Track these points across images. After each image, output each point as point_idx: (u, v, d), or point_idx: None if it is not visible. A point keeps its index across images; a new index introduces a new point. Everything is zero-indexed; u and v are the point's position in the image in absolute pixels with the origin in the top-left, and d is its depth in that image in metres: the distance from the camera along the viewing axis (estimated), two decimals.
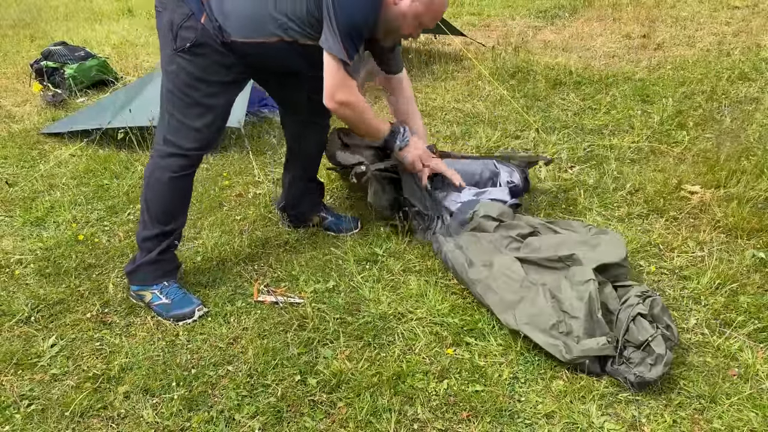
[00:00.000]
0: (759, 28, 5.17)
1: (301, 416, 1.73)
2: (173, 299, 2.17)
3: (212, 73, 2.06)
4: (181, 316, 2.14)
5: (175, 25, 2.00)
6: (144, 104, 3.52)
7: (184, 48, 2.00)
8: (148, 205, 2.16)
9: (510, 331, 1.98)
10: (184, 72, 2.03)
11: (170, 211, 2.19)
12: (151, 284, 2.19)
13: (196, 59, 2.01)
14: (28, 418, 1.76)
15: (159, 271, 2.20)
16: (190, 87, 2.04)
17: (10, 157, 3.57)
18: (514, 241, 2.27)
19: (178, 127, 2.08)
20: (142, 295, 2.20)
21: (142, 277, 2.20)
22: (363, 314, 2.12)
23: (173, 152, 2.11)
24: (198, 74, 2.03)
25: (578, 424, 1.66)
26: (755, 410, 1.68)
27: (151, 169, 2.14)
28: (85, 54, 4.78)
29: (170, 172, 2.12)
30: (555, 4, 6.60)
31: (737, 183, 2.76)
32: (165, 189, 2.14)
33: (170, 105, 2.08)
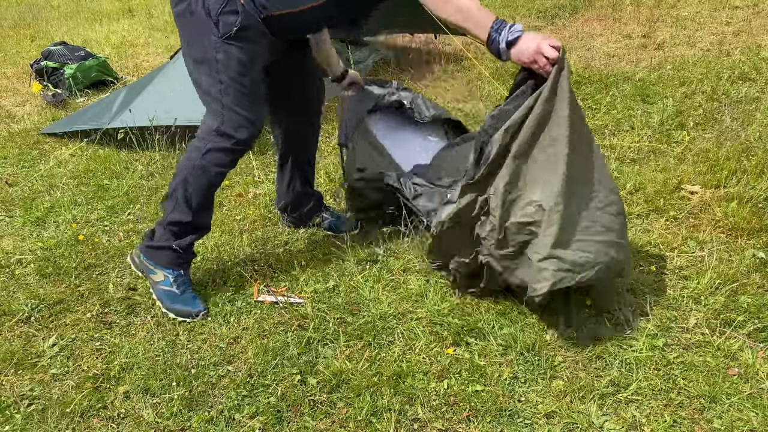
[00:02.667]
0: (759, 28, 5.17)
1: (301, 416, 1.73)
2: (183, 292, 2.13)
3: (258, 57, 1.99)
4: (184, 312, 2.11)
5: (213, 11, 1.90)
6: (144, 104, 3.52)
7: (230, 34, 1.90)
8: (188, 192, 2.08)
9: (510, 331, 1.98)
10: (235, 60, 1.94)
11: (208, 204, 2.15)
12: (168, 267, 2.15)
13: (245, 44, 1.93)
14: (28, 418, 1.76)
15: (181, 259, 2.17)
16: (242, 75, 1.97)
17: (10, 157, 3.57)
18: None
19: (235, 119, 2.01)
20: (152, 270, 2.15)
21: (162, 257, 2.15)
22: (363, 314, 2.12)
23: (227, 146, 2.04)
24: (248, 60, 1.96)
25: (578, 424, 1.66)
26: (755, 410, 1.68)
27: (198, 158, 2.05)
28: (85, 54, 4.78)
29: (220, 166, 2.07)
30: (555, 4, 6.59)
31: (737, 183, 2.76)
32: (209, 182, 2.10)
33: (225, 96, 1.99)
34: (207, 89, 2.03)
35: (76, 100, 4.49)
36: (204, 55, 1.99)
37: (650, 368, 1.83)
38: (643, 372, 1.82)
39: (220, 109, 2.02)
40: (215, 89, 2.00)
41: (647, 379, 1.79)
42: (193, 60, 2.05)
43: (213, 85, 2.00)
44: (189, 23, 1.99)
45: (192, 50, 2.03)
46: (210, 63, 1.98)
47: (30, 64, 4.81)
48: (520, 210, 1.87)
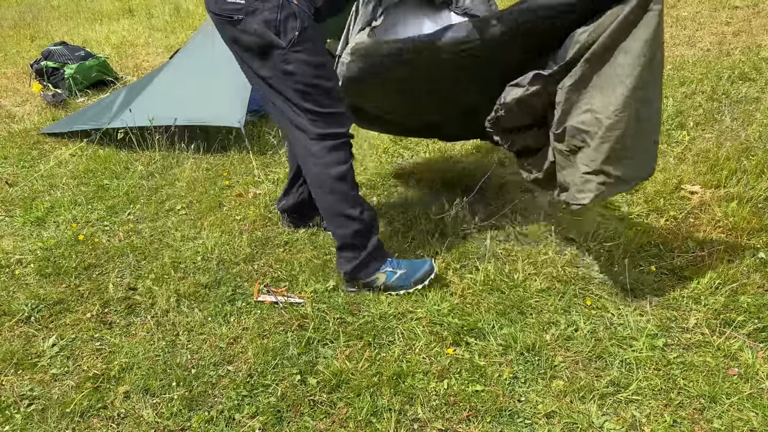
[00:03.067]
0: (759, 28, 5.17)
1: (301, 416, 1.73)
2: (406, 268, 2.17)
3: (322, 51, 2.00)
4: (423, 276, 2.16)
5: (272, 23, 1.88)
6: (144, 104, 3.52)
7: (294, 40, 1.89)
8: (338, 207, 2.10)
9: (510, 331, 1.99)
10: (305, 64, 1.94)
11: (358, 198, 2.15)
12: (380, 267, 2.17)
13: (309, 45, 1.93)
14: (28, 418, 1.76)
15: (381, 252, 2.19)
16: (318, 76, 1.96)
17: (10, 157, 3.57)
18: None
19: (327, 118, 2.02)
20: (373, 281, 2.18)
21: (371, 268, 2.17)
22: (363, 314, 2.12)
23: (336, 144, 2.05)
24: (316, 59, 1.96)
25: (578, 424, 1.66)
26: (755, 410, 1.68)
27: (322, 173, 2.07)
28: (85, 54, 4.78)
29: (343, 163, 2.08)
30: None
31: (737, 183, 2.76)
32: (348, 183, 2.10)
33: (309, 103, 1.99)
34: (289, 103, 2.00)
35: (76, 100, 4.49)
36: (275, 72, 1.96)
37: (650, 368, 1.83)
38: (643, 372, 1.82)
39: (311, 117, 2.01)
40: (297, 99, 1.98)
41: (647, 379, 1.80)
42: (263, 79, 2.01)
43: (294, 96, 1.98)
44: (249, 44, 1.95)
45: (261, 70, 1.99)
46: (282, 77, 1.96)
47: (30, 64, 4.81)
48: (577, 115, 1.91)
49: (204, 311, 2.17)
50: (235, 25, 1.93)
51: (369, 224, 2.16)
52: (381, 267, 2.17)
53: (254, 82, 2.09)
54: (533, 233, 2.55)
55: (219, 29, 2.01)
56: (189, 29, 6.14)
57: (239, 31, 1.93)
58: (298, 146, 2.12)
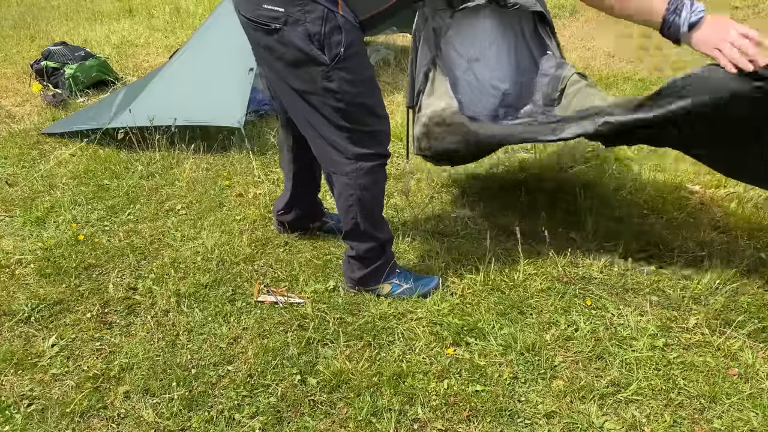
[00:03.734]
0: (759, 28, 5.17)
1: (301, 416, 1.73)
2: (413, 283, 2.17)
3: (366, 66, 1.86)
4: (428, 293, 2.17)
5: (315, 36, 1.71)
6: (144, 104, 3.52)
7: (339, 56, 1.73)
8: (362, 225, 2.07)
9: (510, 331, 1.99)
10: (349, 83, 1.79)
11: (382, 219, 2.14)
12: (387, 279, 2.18)
13: (354, 60, 1.78)
14: (28, 418, 1.76)
15: (391, 267, 2.19)
16: (360, 95, 1.84)
17: (10, 157, 3.57)
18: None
19: (364, 135, 1.92)
20: (377, 290, 2.19)
21: (378, 278, 2.18)
22: (363, 314, 2.12)
23: (373, 166, 1.96)
24: (358, 77, 1.81)
25: (578, 424, 1.66)
26: (755, 410, 1.68)
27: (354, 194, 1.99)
28: (85, 54, 4.78)
29: (377, 185, 2.03)
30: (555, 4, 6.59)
31: (737, 183, 2.76)
32: (377, 202, 2.08)
33: (349, 122, 1.87)
34: (325, 119, 1.87)
35: (76, 100, 4.49)
36: (314, 87, 1.81)
37: (650, 368, 1.83)
38: (643, 372, 1.82)
39: (348, 135, 1.89)
40: (336, 117, 1.85)
41: (647, 379, 1.80)
42: (298, 92, 1.86)
43: (332, 114, 1.85)
44: (287, 56, 1.78)
45: (296, 83, 1.84)
46: (322, 94, 1.81)
47: (30, 64, 4.80)
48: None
49: (204, 311, 2.17)
50: (271, 35, 1.75)
51: (384, 242, 2.16)
52: (388, 278, 2.18)
53: (284, 93, 1.93)
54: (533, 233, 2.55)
55: (249, 34, 1.85)
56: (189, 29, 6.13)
57: (275, 41, 1.76)
58: (329, 163, 2.00)
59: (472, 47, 2.60)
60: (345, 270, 2.24)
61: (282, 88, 1.93)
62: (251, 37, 1.88)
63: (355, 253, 2.16)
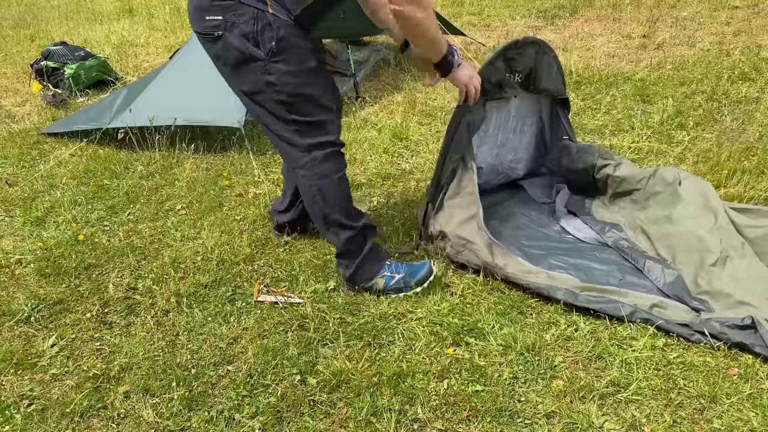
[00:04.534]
0: (759, 28, 5.17)
1: (301, 416, 1.73)
2: (405, 271, 2.18)
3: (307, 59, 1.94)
4: (423, 279, 2.17)
5: (249, 35, 1.86)
6: (144, 104, 3.52)
7: (273, 50, 1.87)
8: (330, 217, 2.12)
9: (510, 331, 1.98)
10: (286, 74, 1.91)
11: (350, 207, 2.16)
12: (377, 272, 2.19)
13: (289, 54, 1.90)
14: (28, 418, 1.76)
15: (377, 256, 2.20)
16: (299, 85, 1.94)
17: (10, 157, 3.57)
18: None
19: (315, 127, 2.00)
20: (372, 286, 2.20)
21: (367, 273, 2.19)
22: (363, 314, 2.12)
23: (326, 154, 2.05)
24: (297, 69, 1.92)
25: (578, 424, 1.66)
26: (755, 410, 1.68)
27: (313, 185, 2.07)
28: (85, 54, 4.78)
29: (335, 173, 2.08)
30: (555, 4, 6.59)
31: (737, 183, 2.76)
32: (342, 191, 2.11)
33: (294, 114, 1.97)
34: (273, 116, 2.00)
35: (76, 100, 4.49)
36: (257, 85, 1.95)
37: (650, 368, 1.83)
38: (643, 372, 1.82)
39: (296, 128, 1.99)
40: (281, 110, 1.97)
41: (647, 379, 1.79)
42: (246, 94, 2.01)
43: (276, 107, 1.97)
44: (230, 59, 1.93)
45: (243, 85, 1.99)
46: (266, 89, 1.94)
47: (30, 64, 4.80)
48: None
49: (204, 311, 2.17)
50: (216, 43, 1.92)
51: (362, 231, 2.17)
52: (379, 272, 2.18)
53: (242, 99, 2.06)
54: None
55: (204, 48, 2.01)
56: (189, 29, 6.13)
57: (220, 48, 1.93)
58: (287, 159, 2.12)
59: (501, 133, 2.69)
60: (339, 272, 2.26)
61: (241, 97, 2.06)
62: (207, 52, 2.02)
63: (338, 250, 2.20)
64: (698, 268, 2.10)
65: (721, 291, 1.99)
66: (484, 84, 2.26)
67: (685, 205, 2.31)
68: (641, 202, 2.48)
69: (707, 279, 2.05)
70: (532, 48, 2.45)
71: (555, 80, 2.60)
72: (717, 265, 2.07)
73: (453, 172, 2.34)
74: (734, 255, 2.09)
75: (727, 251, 2.10)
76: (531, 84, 2.55)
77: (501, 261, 2.19)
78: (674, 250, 2.22)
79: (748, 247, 2.14)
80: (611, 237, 2.43)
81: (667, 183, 2.42)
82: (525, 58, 2.45)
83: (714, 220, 2.22)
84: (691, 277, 2.09)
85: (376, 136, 3.59)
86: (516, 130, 2.74)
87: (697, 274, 2.09)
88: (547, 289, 2.08)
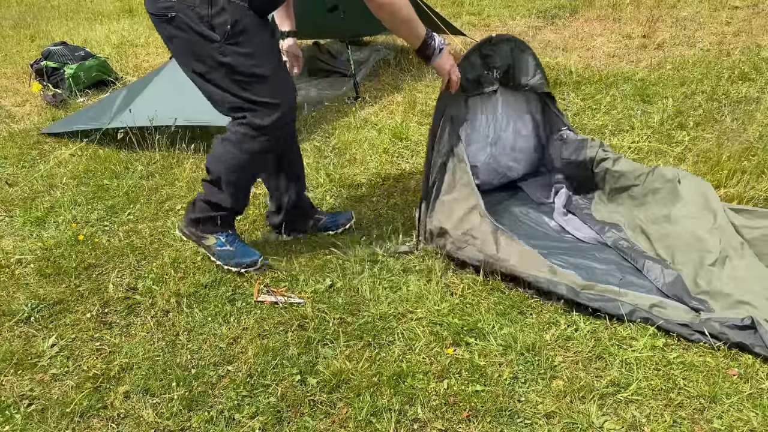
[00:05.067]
0: (759, 28, 5.17)
1: (301, 416, 1.73)
2: (237, 249, 2.28)
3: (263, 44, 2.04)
4: (245, 264, 2.28)
5: (204, 18, 1.94)
6: (144, 104, 3.52)
7: (228, 33, 1.94)
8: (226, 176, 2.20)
9: (510, 331, 1.98)
10: (241, 55, 1.99)
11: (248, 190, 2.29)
12: (215, 233, 2.29)
13: (245, 37, 1.98)
14: (28, 418, 1.76)
15: (225, 226, 2.31)
16: (256, 66, 2.02)
17: (10, 157, 3.57)
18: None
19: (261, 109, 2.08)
20: (203, 237, 2.29)
21: (208, 229, 2.30)
22: (363, 314, 2.12)
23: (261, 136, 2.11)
24: (252, 50, 2.00)
25: (578, 424, 1.66)
26: (755, 410, 1.68)
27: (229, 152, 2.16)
28: (85, 54, 4.78)
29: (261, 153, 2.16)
30: (555, 4, 6.59)
31: (737, 183, 2.76)
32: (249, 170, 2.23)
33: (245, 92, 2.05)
34: (223, 95, 2.08)
35: (76, 100, 4.49)
36: (211, 66, 2.02)
37: (650, 368, 1.83)
38: (643, 372, 1.82)
39: (243, 105, 2.07)
40: (233, 90, 2.04)
41: (647, 379, 1.79)
42: (199, 75, 2.08)
43: (230, 87, 2.04)
44: (183, 41, 2.01)
45: (196, 66, 2.06)
46: (219, 69, 2.01)
47: (30, 64, 4.80)
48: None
49: (204, 311, 2.17)
50: (170, 23, 1.97)
51: (231, 206, 2.27)
52: (216, 233, 2.29)
53: (192, 79, 2.12)
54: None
55: (157, 28, 2.07)
56: None
57: (174, 28, 1.99)
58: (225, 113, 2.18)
59: (492, 131, 2.69)
60: (186, 212, 2.36)
61: (192, 76, 2.11)
62: (160, 33, 2.07)
63: (203, 197, 2.28)
64: (698, 268, 2.10)
65: (720, 291, 1.99)
66: (462, 81, 2.28)
67: (684, 204, 2.31)
68: (639, 198, 2.47)
69: (707, 279, 2.05)
70: (507, 45, 2.48)
71: (535, 76, 2.60)
72: (716, 265, 2.07)
73: (443, 167, 2.36)
74: (733, 255, 2.09)
75: (726, 251, 2.09)
76: (510, 81, 2.57)
77: (505, 250, 2.18)
78: (673, 250, 2.22)
79: (747, 248, 2.14)
80: (611, 237, 2.43)
81: (667, 179, 2.42)
82: (501, 55, 2.48)
83: (713, 220, 2.22)
84: (690, 277, 2.09)
85: (376, 136, 3.59)
86: (508, 128, 2.74)
87: (696, 274, 2.09)
88: (547, 283, 2.08)
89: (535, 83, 2.63)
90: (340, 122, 3.86)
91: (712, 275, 2.05)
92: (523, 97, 2.73)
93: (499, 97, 2.64)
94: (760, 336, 1.82)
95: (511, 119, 2.73)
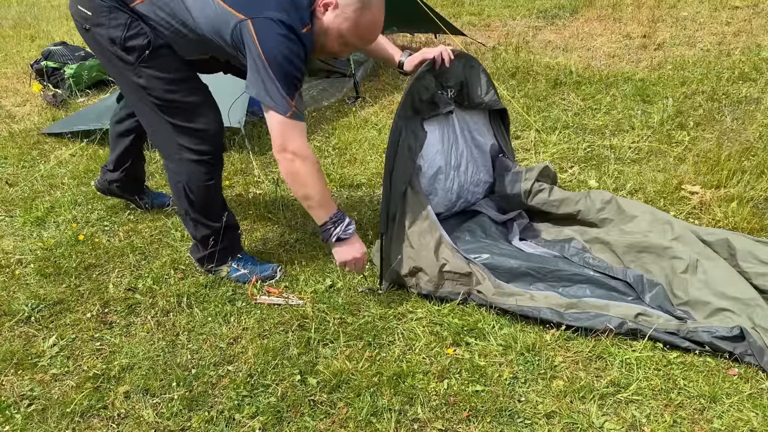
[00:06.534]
0: (759, 28, 5.17)
1: (301, 416, 1.73)
2: (250, 268, 2.29)
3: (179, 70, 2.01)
4: (264, 279, 2.29)
5: (117, 40, 1.90)
6: None
7: (144, 57, 1.92)
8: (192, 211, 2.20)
9: (510, 331, 1.98)
10: (156, 79, 1.96)
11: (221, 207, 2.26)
12: (226, 262, 2.31)
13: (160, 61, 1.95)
14: (28, 418, 1.76)
15: (229, 252, 2.31)
16: (170, 92, 1.99)
17: (10, 157, 3.57)
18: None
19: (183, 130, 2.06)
20: (217, 271, 2.31)
21: (217, 261, 2.30)
22: (363, 314, 2.12)
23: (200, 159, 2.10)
24: (169, 76, 1.98)
25: (578, 424, 1.66)
26: (755, 410, 1.68)
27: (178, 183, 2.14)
28: (85, 54, 4.78)
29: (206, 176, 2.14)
30: (555, 4, 6.60)
31: (737, 183, 2.76)
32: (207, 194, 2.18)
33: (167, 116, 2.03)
34: (149, 116, 2.06)
35: (76, 100, 4.49)
36: (129, 85, 2.01)
37: (650, 368, 1.83)
38: (643, 372, 1.82)
39: (171, 129, 2.05)
40: (154, 112, 2.03)
41: (647, 379, 1.80)
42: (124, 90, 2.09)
43: (151, 109, 2.03)
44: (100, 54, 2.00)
45: (117, 81, 2.07)
46: (138, 89, 1.99)
47: (30, 64, 4.80)
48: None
49: (204, 311, 2.17)
50: (86, 33, 1.96)
51: (220, 230, 2.24)
52: (227, 262, 2.31)
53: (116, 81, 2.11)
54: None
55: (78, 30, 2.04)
56: None
57: (90, 39, 1.97)
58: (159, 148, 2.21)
59: (453, 154, 2.53)
60: (191, 250, 2.37)
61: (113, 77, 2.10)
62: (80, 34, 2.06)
63: (194, 238, 2.30)
64: (671, 276, 2.09)
65: (698, 299, 1.99)
66: (415, 103, 2.25)
67: (636, 223, 2.32)
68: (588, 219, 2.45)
69: (683, 288, 2.04)
70: (459, 62, 2.38)
71: (488, 93, 2.51)
72: (689, 272, 2.06)
73: (403, 197, 2.21)
74: (702, 259, 2.09)
75: (694, 256, 2.09)
76: (465, 99, 2.48)
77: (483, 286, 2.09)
78: (643, 261, 2.21)
79: (710, 250, 2.14)
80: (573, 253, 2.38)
81: (606, 201, 2.43)
82: (453, 72, 2.38)
83: (671, 229, 2.22)
84: (667, 288, 2.09)
85: (376, 136, 3.59)
86: (467, 151, 2.58)
87: (671, 283, 2.08)
88: (531, 310, 2.02)
89: (490, 100, 2.53)
90: (340, 122, 3.86)
91: (687, 283, 2.04)
92: (482, 114, 2.62)
93: (455, 118, 2.52)
94: (748, 344, 1.82)
95: (469, 141, 2.60)
